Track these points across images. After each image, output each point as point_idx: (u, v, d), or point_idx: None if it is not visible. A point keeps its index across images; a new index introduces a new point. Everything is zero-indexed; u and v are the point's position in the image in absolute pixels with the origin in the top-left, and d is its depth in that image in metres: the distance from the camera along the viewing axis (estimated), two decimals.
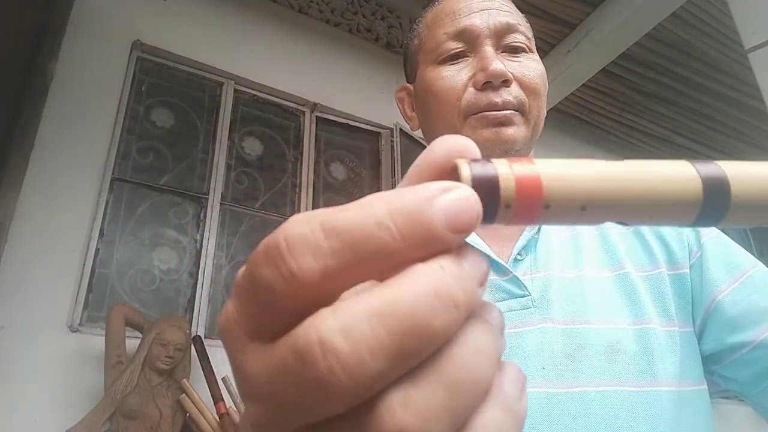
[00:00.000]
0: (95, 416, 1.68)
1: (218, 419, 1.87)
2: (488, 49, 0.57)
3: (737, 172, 0.18)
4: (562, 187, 0.17)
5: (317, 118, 2.86)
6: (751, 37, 1.96)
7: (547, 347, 0.48)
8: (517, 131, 0.55)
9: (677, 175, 0.18)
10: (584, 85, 3.18)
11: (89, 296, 1.98)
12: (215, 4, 2.71)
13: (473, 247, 0.17)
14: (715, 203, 0.18)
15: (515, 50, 0.58)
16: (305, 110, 2.84)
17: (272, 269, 0.15)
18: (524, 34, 0.59)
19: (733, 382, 0.50)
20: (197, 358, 1.95)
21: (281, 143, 2.74)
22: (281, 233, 0.15)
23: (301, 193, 2.65)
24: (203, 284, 2.21)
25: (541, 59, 0.61)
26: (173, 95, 2.49)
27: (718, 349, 0.49)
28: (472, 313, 0.16)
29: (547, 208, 0.17)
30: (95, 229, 2.06)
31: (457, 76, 0.57)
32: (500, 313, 0.17)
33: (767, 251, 4.40)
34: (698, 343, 0.51)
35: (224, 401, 1.90)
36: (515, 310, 0.51)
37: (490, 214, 0.17)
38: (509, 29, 0.58)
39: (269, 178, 2.62)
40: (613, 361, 0.46)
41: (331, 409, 0.14)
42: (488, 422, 0.15)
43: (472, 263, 0.16)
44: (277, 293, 0.15)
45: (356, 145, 2.97)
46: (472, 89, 0.56)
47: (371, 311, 0.14)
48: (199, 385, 1.91)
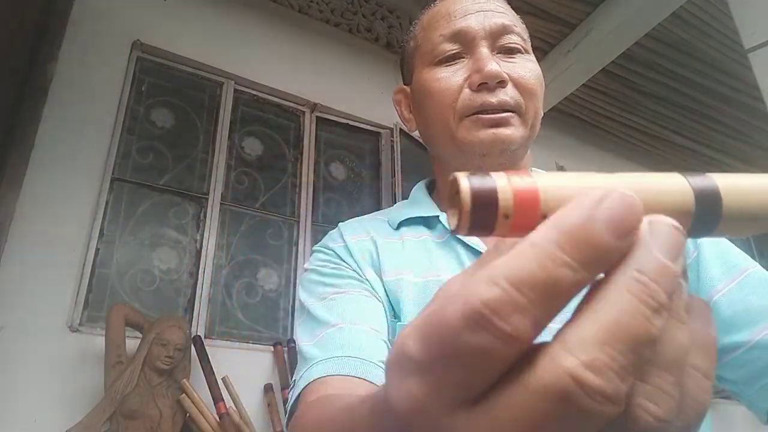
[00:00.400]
0: (95, 416, 1.68)
1: (218, 419, 1.87)
2: (484, 50, 0.57)
3: (728, 183, 0.18)
4: (559, 200, 0.17)
5: (317, 118, 2.86)
6: (751, 37, 1.95)
7: None
8: (514, 132, 0.56)
9: (670, 187, 0.18)
10: (584, 85, 3.17)
11: (89, 296, 1.98)
12: (215, 4, 2.72)
13: (657, 222, 0.17)
14: (707, 214, 0.18)
15: (511, 51, 0.59)
16: (305, 110, 2.84)
17: (483, 336, 0.15)
18: (520, 35, 0.60)
19: (728, 382, 0.50)
20: (197, 358, 1.95)
21: (281, 143, 2.74)
22: (475, 300, 0.15)
23: (301, 193, 2.66)
24: (203, 284, 2.22)
25: (540, 59, 0.62)
26: (173, 95, 2.50)
27: None
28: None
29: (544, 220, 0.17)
30: (95, 229, 2.06)
31: (452, 77, 0.58)
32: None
33: (767, 252, 4.40)
34: None
35: (224, 401, 1.91)
36: None
37: (488, 226, 0.17)
38: (504, 30, 0.58)
39: (269, 178, 2.62)
40: None
41: None
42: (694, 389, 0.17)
43: (660, 245, 0.16)
44: (493, 357, 0.15)
45: (356, 145, 2.98)
46: (467, 90, 0.56)
47: (598, 340, 0.15)
48: (199, 385, 1.91)
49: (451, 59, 0.59)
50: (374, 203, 2.86)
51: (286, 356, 2.18)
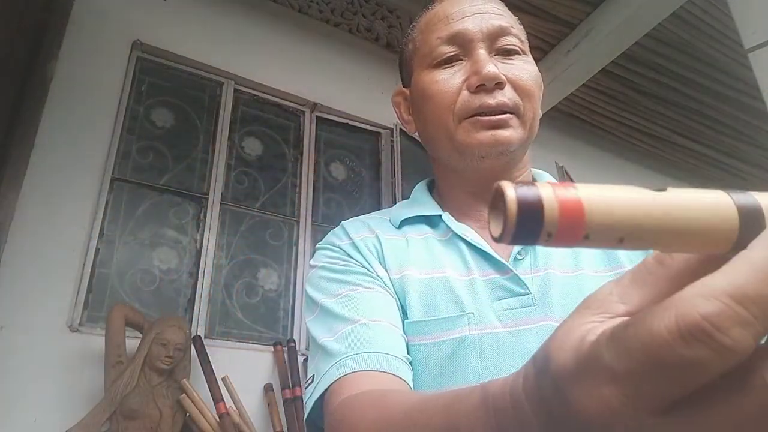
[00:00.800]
0: (95, 416, 1.68)
1: (218, 419, 1.87)
2: (481, 52, 0.57)
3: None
4: (602, 211, 0.17)
5: (317, 118, 2.86)
6: (751, 37, 1.95)
7: None
8: (513, 133, 0.56)
9: (716, 205, 0.18)
10: (584, 85, 3.17)
11: (89, 296, 1.98)
12: (215, 4, 2.72)
13: None
14: (750, 232, 0.18)
15: (508, 53, 0.59)
16: (305, 110, 2.84)
17: (699, 348, 0.15)
18: (517, 36, 0.60)
19: None
20: (197, 358, 1.95)
21: (281, 143, 2.74)
22: (693, 313, 0.16)
23: (301, 193, 2.66)
24: (203, 284, 2.22)
25: (540, 59, 0.62)
26: (173, 95, 2.50)
27: None
28: None
29: (586, 237, 0.17)
30: (95, 229, 2.06)
31: (451, 79, 0.58)
32: None
33: None
34: None
35: (224, 401, 1.91)
36: (516, 308, 0.52)
37: (532, 236, 0.17)
38: (502, 32, 0.59)
39: (269, 178, 2.62)
40: None
41: None
42: None
43: None
44: (705, 369, 0.16)
45: (356, 145, 2.98)
46: (466, 92, 0.57)
47: None
48: (199, 385, 1.91)
49: (449, 61, 0.59)
50: (374, 203, 2.86)
51: (286, 356, 2.18)
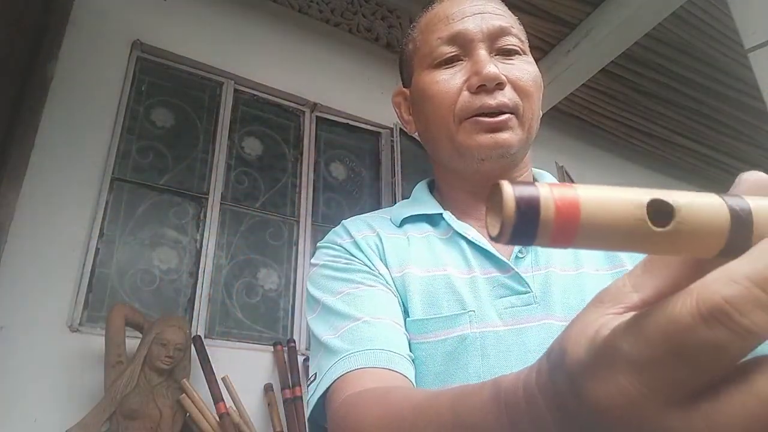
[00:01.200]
0: (95, 416, 1.68)
1: (218, 419, 1.87)
2: (482, 52, 0.57)
3: (760, 206, 0.18)
4: (599, 210, 0.17)
5: (317, 118, 2.86)
6: (751, 37, 1.95)
7: (548, 343, 0.48)
8: (512, 135, 0.56)
9: (708, 208, 0.18)
10: (584, 85, 3.17)
11: (89, 296, 1.98)
12: (215, 4, 2.72)
13: None
14: (739, 237, 0.18)
15: (509, 53, 0.59)
16: (305, 110, 2.84)
17: (720, 330, 0.15)
18: (517, 36, 0.60)
19: None
20: (197, 358, 1.95)
21: (281, 143, 2.74)
22: (714, 296, 0.16)
23: (301, 192, 2.66)
24: (203, 284, 2.22)
25: (540, 59, 0.62)
26: (173, 95, 2.50)
27: None
28: None
29: (582, 234, 0.17)
30: (95, 229, 2.06)
31: (451, 80, 0.58)
32: None
33: None
34: None
35: (224, 401, 1.91)
36: (517, 306, 0.52)
37: (529, 235, 0.17)
38: (502, 32, 0.58)
39: (269, 178, 2.62)
40: None
41: None
42: None
43: None
44: (726, 353, 0.16)
45: (356, 145, 2.98)
46: (466, 93, 0.57)
47: None
48: (199, 385, 1.91)
49: (449, 62, 0.59)
50: (374, 203, 2.86)
51: (286, 356, 2.18)
